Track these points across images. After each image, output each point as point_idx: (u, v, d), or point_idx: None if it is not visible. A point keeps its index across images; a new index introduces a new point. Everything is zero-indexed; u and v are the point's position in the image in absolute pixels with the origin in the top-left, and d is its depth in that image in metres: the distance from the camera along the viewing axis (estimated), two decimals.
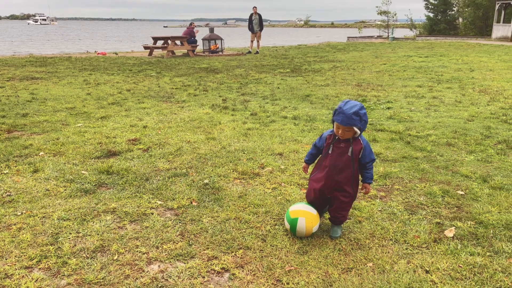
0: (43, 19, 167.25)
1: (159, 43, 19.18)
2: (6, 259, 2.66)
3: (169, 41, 18.32)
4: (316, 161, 3.10)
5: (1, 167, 4.34)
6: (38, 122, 6.24)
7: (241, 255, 2.76)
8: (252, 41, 20.10)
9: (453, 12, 37.11)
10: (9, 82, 10.17)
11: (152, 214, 3.33)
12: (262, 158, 4.68)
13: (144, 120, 6.46)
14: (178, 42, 18.62)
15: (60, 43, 36.38)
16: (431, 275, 2.54)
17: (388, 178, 4.12)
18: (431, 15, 37.26)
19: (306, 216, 2.93)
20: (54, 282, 2.46)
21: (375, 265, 2.66)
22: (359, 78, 11.07)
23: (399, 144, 5.21)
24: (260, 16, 19.75)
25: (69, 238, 2.94)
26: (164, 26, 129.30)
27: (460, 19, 36.82)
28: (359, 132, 2.73)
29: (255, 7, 19.72)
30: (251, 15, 19.75)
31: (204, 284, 2.47)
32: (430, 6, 37.14)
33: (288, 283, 2.48)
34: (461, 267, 2.62)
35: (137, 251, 2.80)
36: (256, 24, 19.66)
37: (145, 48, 19.29)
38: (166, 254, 2.76)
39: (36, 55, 18.14)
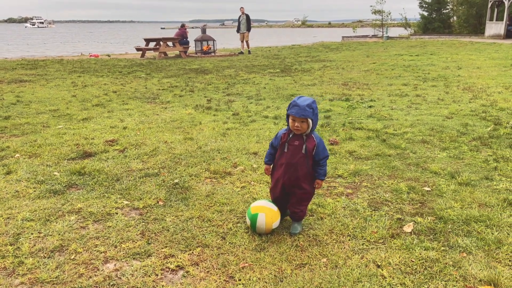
0: (40, 22, 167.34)
1: (152, 44, 19.21)
2: None
3: (161, 43, 18.35)
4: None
5: None
6: (19, 125, 6.27)
7: (198, 253, 2.79)
8: (242, 42, 20.15)
9: (447, 11, 37.16)
10: None
11: (117, 214, 3.36)
12: (236, 157, 4.71)
13: (125, 121, 6.49)
14: (170, 43, 18.66)
15: (56, 46, 36.38)
16: (382, 270, 2.57)
17: (357, 176, 4.15)
18: (426, 13, 37.30)
19: (266, 212, 2.96)
20: (8, 281, 2.49)
21: (329, 260, 2.69)
22: (347, 77, 11.11)
23: (375, 142, 5.24)
24: (248, 16, 19.76)
25: (30, 238, 2.96)
26: (161, 28, 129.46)
27: (455, 18, 36.87)
28: (311, 124, 2.80)
29: (242, 8, 19.75)
30: (240, 16, 19.80)
31: (156, 282, 2.50)
32: (424, 5, 37.16)
33: (240, 280, 2.51)
34: (413, 261, 2.66)
35: (95, 250, 2.82)
36: (243, 24, 19.69)
37: (137, 49, 19.33)
38: (123, 253, 2.79)
39: (28, 58, 18.17)
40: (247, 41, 19.96)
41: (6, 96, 8.60)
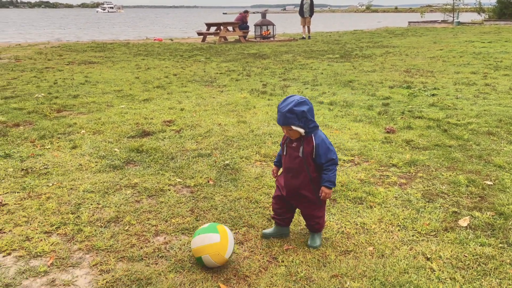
0: (110, 7, 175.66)
1: (212, 29, 19.50)
2: (30, 224, 2.94)
3: (222, 27, 18.58)
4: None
5: (45, 142, 4.72)
6: (86, 103, 6.66)
7: (244, 233, 2.84)
8: (303, 26, 19.87)
9: None
10: (68, 66, 10.89)
11: (169, 190, 3.49)
12: None
13: (183, 103, 6.68)
14: (230, 28, 18.83)
15: (123, 30, 38.03)
16: (431, 263, 2.47)
17: (413, 166, 3.99)
18: None
19: (209, 252, 2.40)
20: (67, 246, 2.69)
21: (375, 249, 2.63)
22: (410, 64, 10.62)
23: (435, 132, 4.99)
24: (311, 1, 19.42)
25: (89, 209, 3.17)
26: (223, 13, 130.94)
27: None
28: (302, 131, 2.43)
29: None
30: (303, 0, 19.48)
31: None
32: None
33: (282, 261, 2.52)
34: (466, 256, 2.52)
35: (147, 223, 2.96)
36: (306, 9, 19.37)
37: (199, 34, 19.71)
38: (173, 228, 2.90)
39: (98, 41, 19.17)
40: (308, 26, 19.67)
41: (76, 76, 9.16)
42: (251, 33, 19.96)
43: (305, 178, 2.53)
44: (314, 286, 2.29)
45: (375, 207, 3.18)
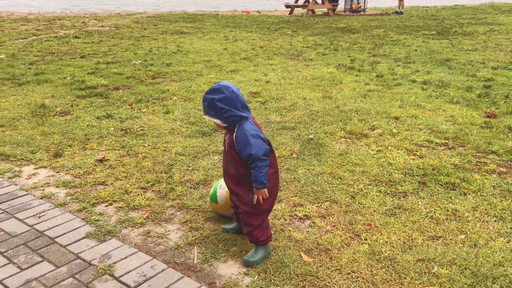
0: None
1: (301, 1, 19.14)
2: (129, 180, 3.20)
3: (310, 0, 18.16)
4: None
5: (141, 106, 5.05)
6: (178, 72, 6.97)
7: (326, 207, 2.83)
8: (399, 0, 18.71)
9: None
10: (162, 35, 11.42)
11: None
12: (375, 120, 4.54)
13: (268, 75, 6.72)
14: (319, 0, 18.35)
15: (213, 1, 38.78)
16: None
17: None
18: None
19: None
20: (160, 202, 2.89)
21: (468, 238, 2.48)
22: None
23: None
24: None
25: (181, 170, 3.36)
26: None
27: None
28: (218, 121, 2.15)
29: None
30: None
31: (284, 226, 2.63)
32: None
33: (366, 239, 2.49)
34: None
35: None
36: None
37: (286, 6, 19.48)
38: None
39: (189, 12, 19.80)
40: (402, 1, 18.49)
41: (169, 46, 9.59)
42: (341, 6, 19.28)
43: (235, 173, 2.25)
44: (399, 268, 2.23)
45: (469, 194, 2.99)
